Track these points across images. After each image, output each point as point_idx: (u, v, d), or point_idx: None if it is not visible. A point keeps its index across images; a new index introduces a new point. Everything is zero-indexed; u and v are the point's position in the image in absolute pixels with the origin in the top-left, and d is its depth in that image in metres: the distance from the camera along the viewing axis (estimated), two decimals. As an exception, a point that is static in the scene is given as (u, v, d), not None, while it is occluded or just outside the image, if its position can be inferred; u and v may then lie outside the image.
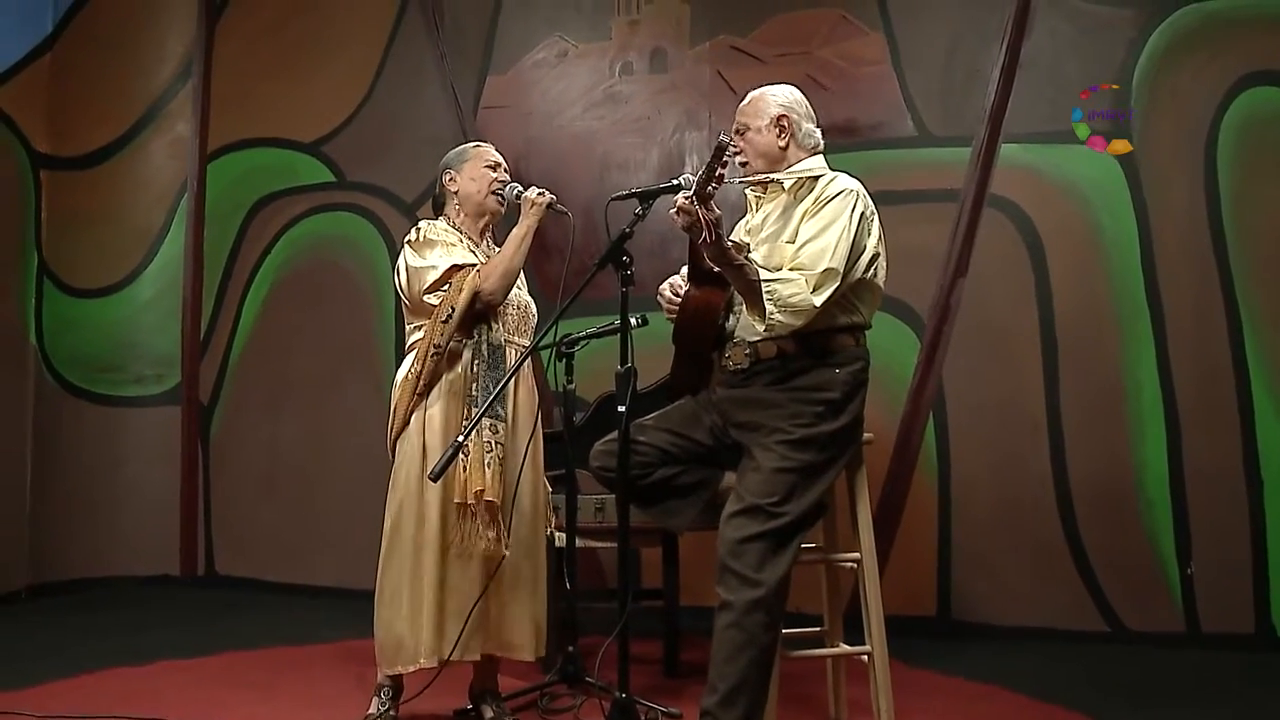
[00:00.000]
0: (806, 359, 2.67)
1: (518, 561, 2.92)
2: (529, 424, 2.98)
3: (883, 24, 4.53)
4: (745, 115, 2.88)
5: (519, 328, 3.03)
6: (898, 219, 4.29)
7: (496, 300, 2.90)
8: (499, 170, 3.10)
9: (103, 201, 5.28)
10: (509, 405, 2.93)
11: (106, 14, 5.38)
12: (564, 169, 4.87)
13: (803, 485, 2.60)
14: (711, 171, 2.42)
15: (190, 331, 5.33)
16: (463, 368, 2.91)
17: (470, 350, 2.90)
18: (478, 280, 2.88)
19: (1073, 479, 4.17)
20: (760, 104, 2.87)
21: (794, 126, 2.84)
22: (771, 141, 2.83)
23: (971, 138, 4.38)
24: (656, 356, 2.92)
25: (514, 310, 3.02)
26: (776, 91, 2.89)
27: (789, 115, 2.83)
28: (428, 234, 2.99)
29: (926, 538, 4.28)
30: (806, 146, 2.86)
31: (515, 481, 2.87)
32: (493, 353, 2.88)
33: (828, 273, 2.57)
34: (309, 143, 5.26)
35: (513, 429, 2.93)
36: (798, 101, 2.88)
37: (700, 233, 2.46)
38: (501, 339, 2.92)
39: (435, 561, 2.82)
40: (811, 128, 2.88)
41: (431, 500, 2.84)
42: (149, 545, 5.21)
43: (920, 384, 4.35)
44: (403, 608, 2.84)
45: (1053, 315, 4.24)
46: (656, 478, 2.77)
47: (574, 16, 4.98)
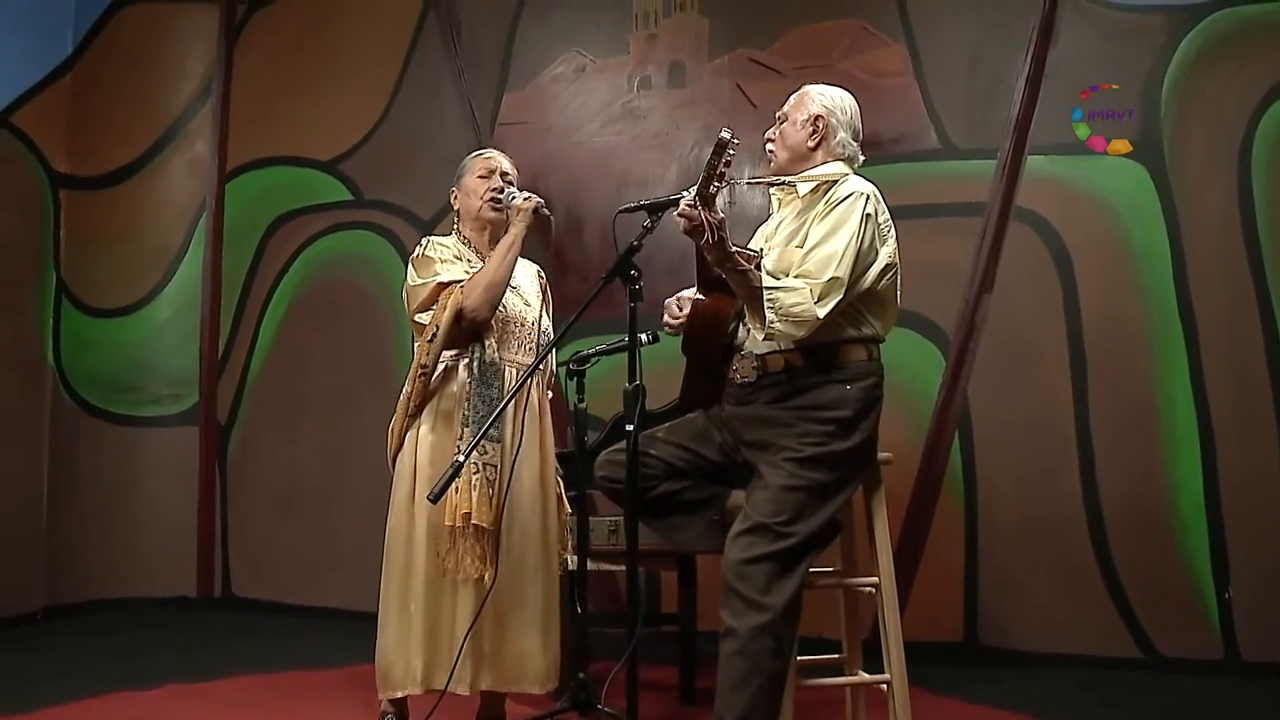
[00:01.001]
0: (815, 374, 2.57)
1: (521, 589, 2.82)
2: (533, 446, 2.89)
3: (904, 35, 4.44)
4: (788, 106, 2.80)
5: (523, 346, 2.93)
6: (921, 233, 4.25)
7: (480, 316, 2.80)
8: (494, 177, 3.01)
9: (121, 221, 5.27)
10: (507, 427, 2.84)
11: (127, 34, 5.38)
12: (582, 185, 4.81)
13: (812, 505, 2.50)
14: (712, 169, 2.33)
15: (208, 351, 5.31)
16: (457, 386, 2.83)
17: (464, 369, 2.83)
18: (460, 297, 2.80)
19: (1104, 499, 4.04)
20: (804, 99, 2.77)
21: (829, 130, 2.74)
22: (802, 139, 2.73)
23: (996, 149, 4.28)
24: (671, 375, 2.81)
25: (516, 327, 2.93)
26: (825, 91, 2.78)
27: (827, 118, 2.73)
28: (425, 251, 2.93)
29: (952, 560, 4.15)
30: (836, 154, 2.76)
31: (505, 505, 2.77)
32: (484, 371, 2.80)
33: (833, 282, 2.46)
34: (327, 161, 5.24)
35: (512, 450, 2.83)
36: (842, 109, 2.77)
37: (703, 235, 2.38)
38: (495, 357, 2.83)
39: (424, 586, 2.76)
40: (848, 138, 2.77)
41: (420, 522, 2.78)
42: (166, 567, 5.17)
43: (945, 402, 4.24)
44: (390, 632, 2.78)
45: (1081, 330, 4.12)
46: (661, 491, 2.68)
47: (591, 31, 4.93)
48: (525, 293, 3.04)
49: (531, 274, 3.16)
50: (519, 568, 2.81)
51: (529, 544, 2.84)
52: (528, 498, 2.86)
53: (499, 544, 2.75)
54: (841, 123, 2.73)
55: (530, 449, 2.88)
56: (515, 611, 2.83)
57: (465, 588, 2.74)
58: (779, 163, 2.77)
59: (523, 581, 2.83)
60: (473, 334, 2.83)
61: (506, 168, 3.06)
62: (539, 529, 2.89)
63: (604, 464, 2.75)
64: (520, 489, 2.83)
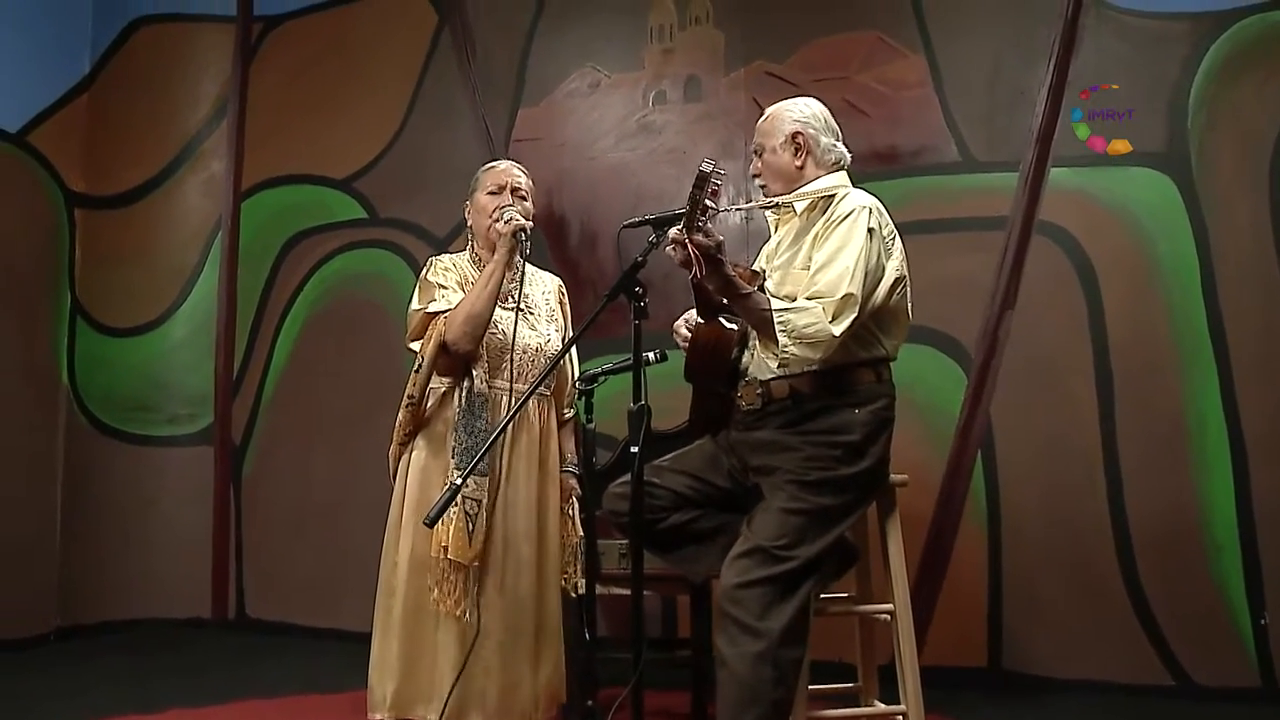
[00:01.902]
0: (822, 398, 2.49)
1: (515, 621, 2.72)
2: (530, 474, 2.79)
3: (923, 46, 4.35)
4: (761, 135, 2.73)
5: (525, 373, 2.81)
6: (942, 248, 4.17)
7: (462, 347, 2.70)
8: (503, 194, 2.91)
9: (137, 240, 5.27)
10: (501, 457, 2.74)
11: (143, 54, 5.39)
12: (597, 202, 4.75)
13: (815, 529, 2.41)
14: (695, 203, 2.26)
15: (223, 370, 5.28)
16: (451, 412, 2.75)
17: (456, 397, 2.75)
18: (443, 328, 2.72)
19: (1132, 521, 3.91)
20: (775, 122, 2.71)
21: (811, 142, 2.67)
22: (787, 161, 2.67)
23: (1018, 162, 4.18)
24: (685, 394, 2.72)
25: (518, 354, 2.78)
26: (792, 106, 2.72)
27: (804, 131, 2.67)
28: (428, 275, 2.85)
29: (976, 584, 4.04)
30: (826, 163, 2.69)
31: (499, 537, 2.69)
32: (471, 401, 2.71)
33: (847, 299, 2.38)
34: (341, 179, 5.20)
35: (507, 481, 2.74)
36: (815, 115, 2.71)
37: (692, 270, 2.31)
38: (483, 387, 2.74)
39: (402, 611, 2.67)
40: (832, 142, 2.70)
41: (404, 548, 2.70)
42: (181, 587, 5.13)
43: (967, 422, 4.13)
44: (374, 654, 2.71)
45: (1107, 347, 4.00)
46: (671, 522, 2.60)
47: (606, 46, 4.87)
48: (537, 314, 2.92)
49: (551, 289, 3.06)
50: (512, 598, 2.71)
51: (523, 573, 2.74)
52: (523, 525, 2.75)
53: (485, 579, 2.67)
54: (819, 130, 2.67)
55: (527, 474, 2.79)
56: (507, 644, 2.71)
57: (448, 620, 2.64)
58: (773, 192, 2.70)
59: (516, 613, 2.72)
60: (464, 364, 2.75)
61: (519, 182, 2.93)
62: (534, 557, 2.78)
63: (611, 498, 2.68)
64: (515, 517, 2.74)
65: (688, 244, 2.29)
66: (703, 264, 2.31)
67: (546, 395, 2.89)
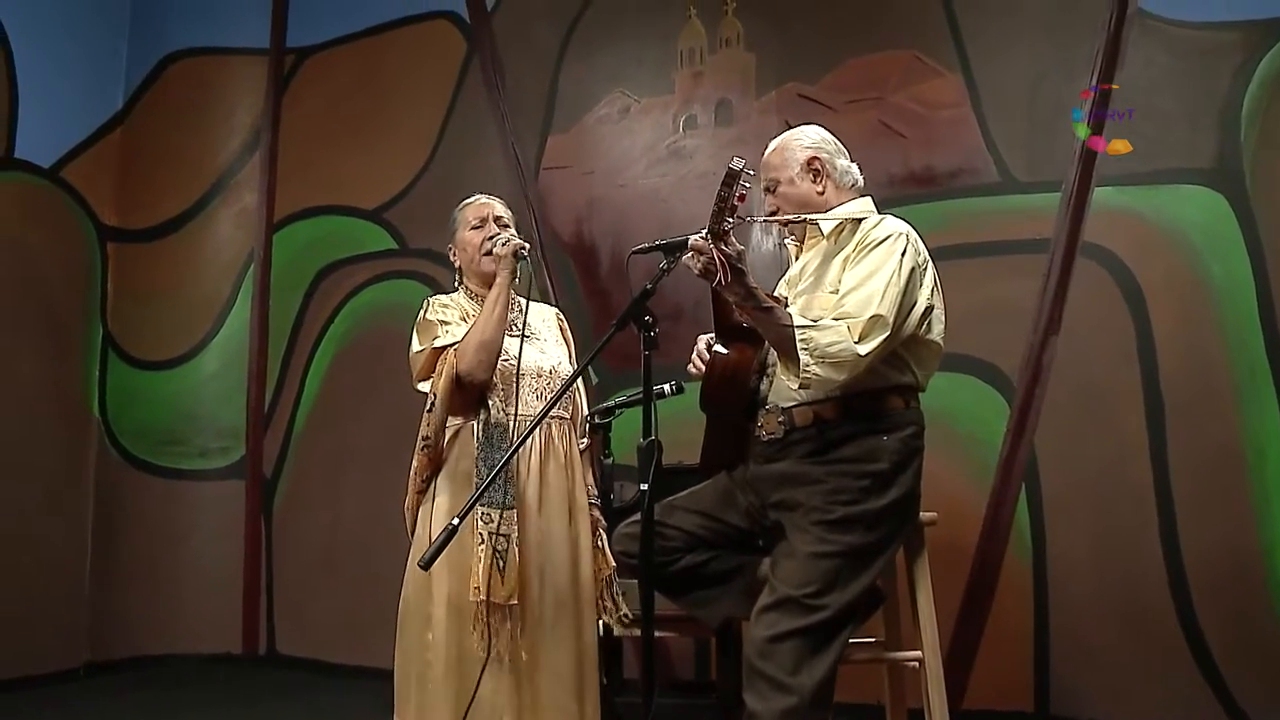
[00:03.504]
0: (848, 425, 2.35)
1: (559, 660, 2.60)
2: (562, 505, 2.67)
3: (960, 64, 4.21)
4: (771, 169, 2.61)
5: (543, 397, 2.70)
6: (982, 273, 4.01)
7: (477, 378, 2.61)
8: (487, 225, 2.84)
9: (169, 273, 5.28)
10: (527, 487, 2.63)
11: (177, 87, 5.43)
12: (627, 229, 4.66)
13: (847, 572, 2.27)
14: (723, 201, 2.15)
15: (255, 404, 5.25)
16: (473, 449, 2.64)
17: (475, 430, 2.64)
18: (454, 360, 2.63)
19: (1187, 557, 3.70)
20: (784, 153, 2.60)
21: (828, 166, 2.56)
22: (807, 190, 2.55)
23: (1061, 182, 4.00)
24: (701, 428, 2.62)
25: (533, 379, 2.71)
26: (799, 134, 2.63)
27: (819, 155, 2.56)
28: (426, 314, 2.76)
29: (1021, 623, 3.84)
30: (845, 186, 2.58)
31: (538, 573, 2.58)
32: (490, 434, 2.60)
33: (875, 320, 2.25)
34: (371, 209, 5.17)
35: (540, 513, 2.63)
36: (825, 139, 2.61)
37: (715, 276, 2.19)
38: (501, 417, 2.63)
39: (445, 663, 2.53)
40: (847, 164, 2.60)
41: (439, 597, 2.57)
42: (211, 623, 5.09)
43: (1011, 453, 3.95)
44: (412, 709, 2.57)
45: (1158, 374, 3.80)
46: (684, 564, 2.48)
47: (636, 70, 4.79)
48: (543, 339, 2.85)
49: (550, 317, 2.98)
50: (553, 635, 2.59)
51: (563, 608, 2.62)
52: (559, 557, 2.64)
53: (525, 617, 2.55)
54: (832, 153, 2.58)
55: (560, 504, 2.67)
56: (552, 685, 2.59)
57: (494, 664, 2.52)
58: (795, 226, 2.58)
59: (559, 649, 2.60)
60: (478, 397, 2.65)
61: (500, 211, 2.88)
62: (571, 592, 2.66)
63: (621, 538, 2.56)
64: (551, 549, 2.62)
65: (712, 248, 2.19)
66: (727, 270, 2.19)
67: (566, 419, 2.78)
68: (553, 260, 4.77)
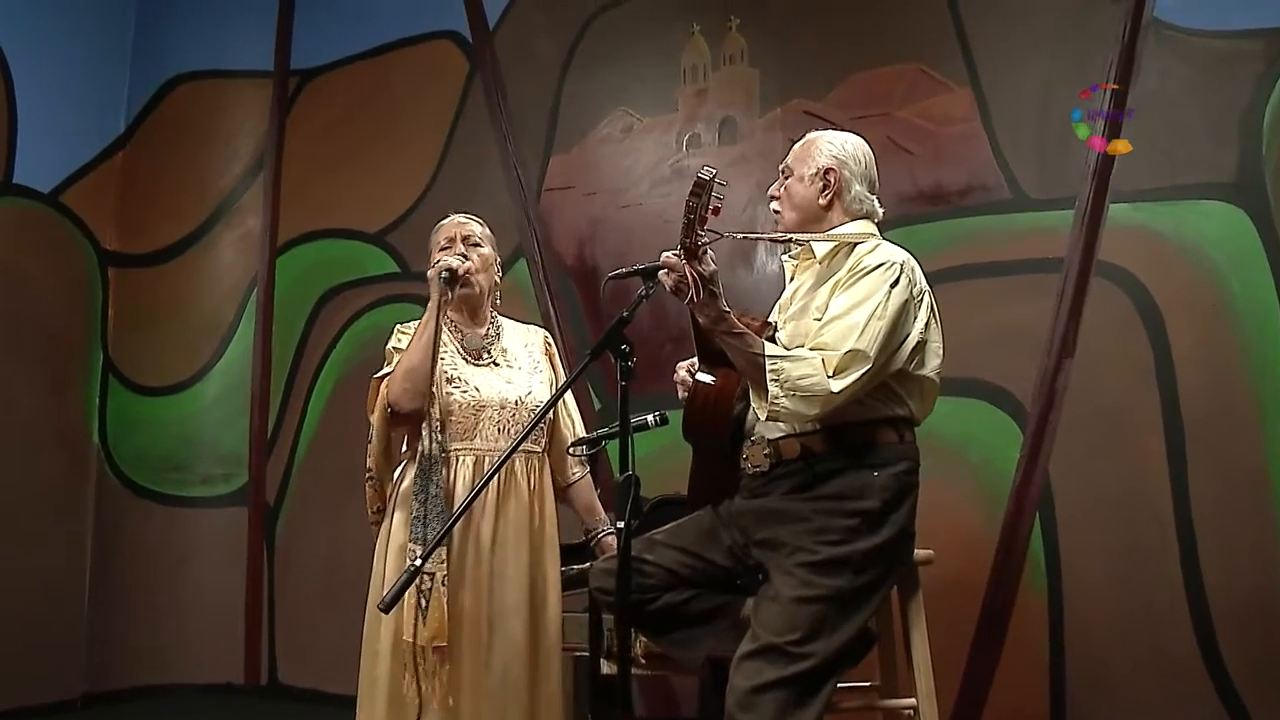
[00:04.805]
0: (837, 459, 2.23)
1: (506, 706, 2.49)
2: (520, 542, 2.57)
3: (969, 76, 4.07)
4: (794, 158, 2.49)
5: (504, 429, 2.61)
6: (993, 294, 3.88)
7: (403, 407, 2.53)
8: (455, 245, 2.76)
9: (171, 298, 5.24)
10: (482, 523, 2.53)
11: (180, 111, 5.39)
12: (631, 250, 4.54)
13: (833, 618, 2.14)
14: (692, 213, 2.04)
15: (258, 430, 5.18)
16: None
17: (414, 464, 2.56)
18: (385, 390, 2.55)
19: (1210, 586, 3.53)
20: (811, 149, 2.47)
21: (842, 184, 2.43)
22: (811, 196, 2.43)
23: (1075, 198, 3.86)
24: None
25: (496, 411, 2.62)
26: (834, 139, 2.48)
27: (838, 170, 2.43)
28: (390, 344, 2.70)
29: (1036, 657, 3.69)
30: (852, 211, 2.45)
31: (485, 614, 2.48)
32: (422, 465, 2.52)
33: (853, 355, 2.13)
34: (374, 233, 5.10)
35: (493, 551, 2.53)
36: (856, 158, 2.46)
37: (687, 293, 2.09)
38: (434, 449, 2.54)
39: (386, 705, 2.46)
40: (864, 193, 2.46)
41: (385, 636, 2.49)
42: (212, 652, 5.00)
43: (1024, 480, 3.80)
44: None
45: (1177, 396, 3.64)
46: (663, 603, 2.35)
47: (638, 88, 4.70)
48: (516, 366, 2.74)
49: (535, 341, 2.87)
50: (500, 680, 2.49)
51: (514, 652, 2.51)
52: (513, 599, 2.54)
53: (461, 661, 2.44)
54: (855, 174, 2.42)
55: (517, 542, 2.57)
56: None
57: (429, 711, 2.42)
58: (787, 224, 2.46)
59: (506, 695, 2.50)
60: (416, 425, 2.56)
61: (469, 231, 2.80)
62: (525, 633, 2.55)
63: (598, 574, 2.45)
64: (504, 591, 2.52)
65: (684, 264, 2.09)
66: (699, 289, 2.09)
67: (537, 452, 2.68)
68: (555, 283, 4.68)
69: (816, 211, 2.44)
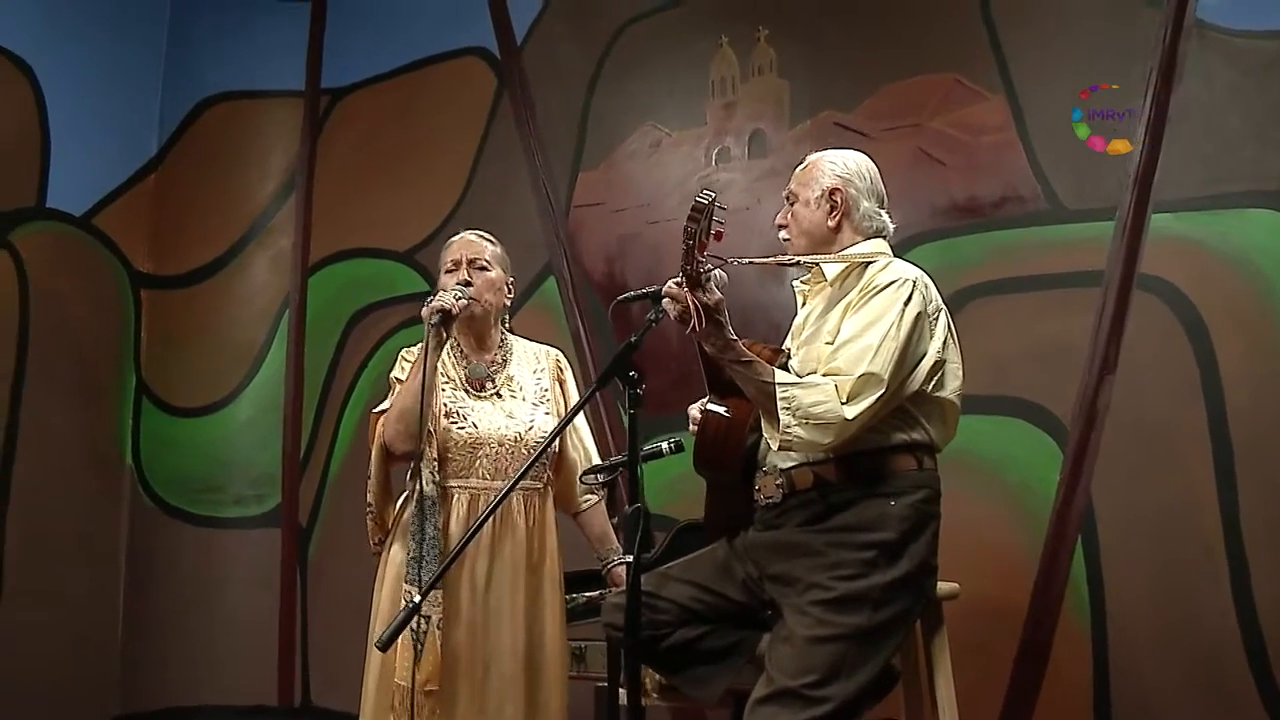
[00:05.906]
0: (852, 489, 2.14)
1: None
2: (517, 581, 2.51)
3: (1003, 85, 3.95)
4: (797, 182, 2.44)
5: (501, 466, 2.56)
6: (1030, 309, 3.76)
7: (398, 448, 2.50)
8: (460, 269, 2.69)
9: (203, 319, 5.25)
10: (477, 563, 2.48)
11: (212, 132, 5.41)
12: (660, 268, 4.44)
13: (852, 658, 2.05)
14: (691, 238, 1.97)
15: (291, 450, 5.17)
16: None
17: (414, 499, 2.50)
18: (381, 429, 2.50)
19: (1261, 610, 3.37)
20: (814, 172, 2.41)
21: (850, 203, 2.36)
22: (819, 220, 2.37)
23: (1114, 209, 3.72)
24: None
25: (494, 448, 2.56)
26: (836, 159, 2.42)
27: (844, 189, 2.36)
28: (394, 373, 2.65)
29: (1079, 690, 3.55)
30: (863, 230, 2.37)
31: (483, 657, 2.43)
32: (420, 503, 2.46)
33: (867, 379, 2.05)
34: (404, 251, 5.08)
35: (488, 590, 2.47)
36: (859, 174, 2.40)
37: (689, 322, 2.02)
38: (431, 487, 2.49)
39: None
40: (873, 208, 2.38)
41: (372, 670, 2.44)
42: (245, 673, 4.99)
43: (1065, 501, 3.66)
44: None
45: (1224, 413, 3.49)
46: (676, 640, 2.28)
47: (667, 102, 4.63)
48: (519, 398, 2.67)
49: (545, 365, 2.80)
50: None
51: (508, 694, 2.45)
52: (509, 640, 2.48)
53: (455, 705, 2.38)
54: (862, 191, 2.34)
55: (513, 581, 2.51)
56: None
57: None
58: (797, 251, 2.39)
59: None
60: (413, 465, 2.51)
61: (476, 252, 2.72)
62: (521, 674, 2.49)
63: (608, 609, 2.38)
64: (499, 631, 2.46)
65: (686, 294, 2.02)
66: (701, 318, 2.02)
67: (537, 488, 2.61)
68: (584, 300, 4.62)
69: (826, 234, 2.37)
